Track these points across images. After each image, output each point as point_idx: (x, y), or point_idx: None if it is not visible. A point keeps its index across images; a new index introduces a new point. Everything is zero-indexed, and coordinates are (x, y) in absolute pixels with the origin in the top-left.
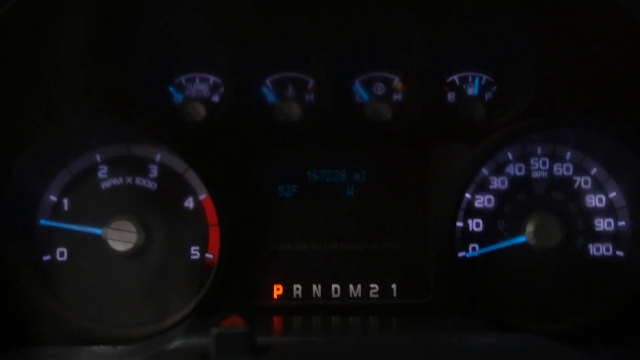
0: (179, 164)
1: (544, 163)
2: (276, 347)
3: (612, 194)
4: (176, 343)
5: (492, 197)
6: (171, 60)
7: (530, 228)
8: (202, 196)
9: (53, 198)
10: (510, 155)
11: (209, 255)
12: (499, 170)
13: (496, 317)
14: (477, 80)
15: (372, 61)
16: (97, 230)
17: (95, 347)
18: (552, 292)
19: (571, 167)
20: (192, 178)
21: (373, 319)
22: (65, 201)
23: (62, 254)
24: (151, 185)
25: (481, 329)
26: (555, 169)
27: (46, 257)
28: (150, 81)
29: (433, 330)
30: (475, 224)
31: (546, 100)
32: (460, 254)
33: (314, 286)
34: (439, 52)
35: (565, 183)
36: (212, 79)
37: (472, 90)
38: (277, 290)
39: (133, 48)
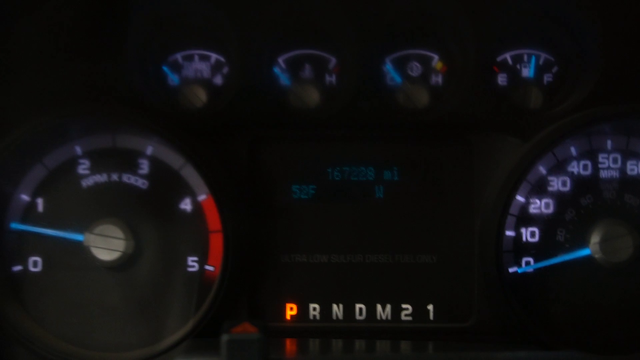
0: (174, 159)
1: (615, 160)
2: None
3: None
4: None
5: (550, 201)
6: (165, 34)
7: (595, 239)
8: (202, 197)
9: (25, 197)
10: (573, 151)
11: (209, 268)
12: (559, 169)
13: (552, 346)
14: (533, 59)
15: (407, 36)
16: (78, 236)
17: None
18: (622, 317)
19: None
20: (190, 175)
21: (405, 343)
22: (40, 201)
23: (35, 264)
24: (141, 183)
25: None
26: (629, 167)
27: (17, 268)
28: (140, 59)
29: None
30: (529, 234)
31: (618, 85)
32: (511, 270)
33: (335, 306)
34: (487, 25)
35: None
36: (214, 56)
37: (527, 72)
38: (291, 310)
39: (120, 19)
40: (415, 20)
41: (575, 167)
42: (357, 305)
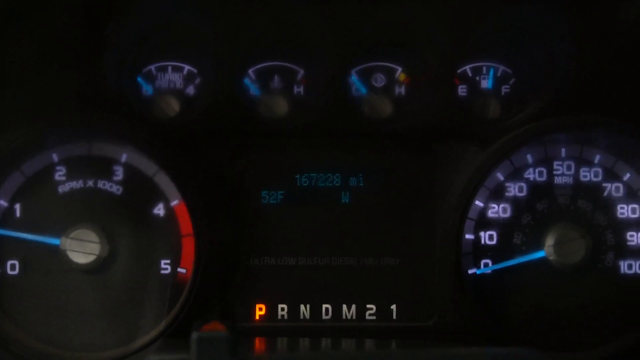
0: (147, 166)
1: (568, 167)
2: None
3: None
4: None
5: (508, 205)
6: (139, 46)
7: (550, 241)
8: (175, 202)
9: (3, 203)
10: (529, 158)
11: (181, 270)
12: (516, 176)
13: (510, 344)
14: (492, 71)
15: (372, 49)
16: (55, 240)
17: None
18: (576, 315)
19: (600, 172)
20: (163, 182)
21: (369, 341)
22: (18, 207)
23: (13, 267)
24: (116, 189)
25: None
26: (581, 174)
27: None
28: (117, 71)
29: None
30: (488, 237)
31: (571, 97)
32: (470, 271)
33: (302, 306)
34: (450, 39)
35: (593, 190)
36: (187, 68)
37: (486, 84)
38: (260, 310)
39: (99, 31)
40: (382, 35)
41: (531, 174)
42: (324, 306)
